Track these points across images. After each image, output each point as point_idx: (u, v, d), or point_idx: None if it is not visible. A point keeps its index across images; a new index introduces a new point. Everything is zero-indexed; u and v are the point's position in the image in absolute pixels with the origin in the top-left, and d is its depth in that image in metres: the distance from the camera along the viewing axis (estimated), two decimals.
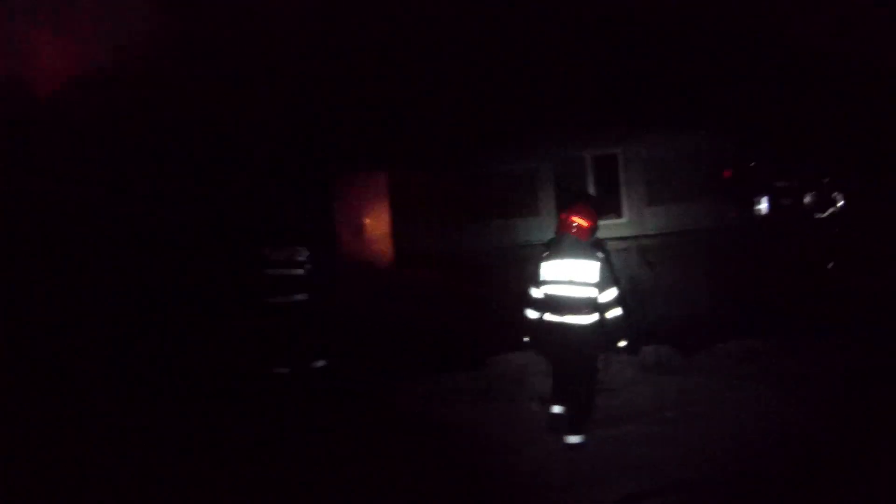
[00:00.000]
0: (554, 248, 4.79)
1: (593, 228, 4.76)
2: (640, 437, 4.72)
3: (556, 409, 4.79)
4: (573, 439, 4.56)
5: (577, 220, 4.68)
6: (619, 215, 8.94)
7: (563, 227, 4.76)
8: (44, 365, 5.84)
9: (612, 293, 4.55)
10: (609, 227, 8.02)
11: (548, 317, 4.66)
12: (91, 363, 6.10)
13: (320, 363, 5.77)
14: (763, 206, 9.72)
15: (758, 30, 6.64)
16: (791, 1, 6.29)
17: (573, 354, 4.63)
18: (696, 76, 7.89)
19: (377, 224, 10.21)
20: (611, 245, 7.41)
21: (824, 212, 9.89)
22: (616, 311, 4.56)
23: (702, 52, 7.35)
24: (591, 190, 8.94)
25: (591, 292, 4.51)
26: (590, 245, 4.75)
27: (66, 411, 5.14)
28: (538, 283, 4.76)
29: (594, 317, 4.55)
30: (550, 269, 4.65)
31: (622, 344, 4.64)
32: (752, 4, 6.45)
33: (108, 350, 6.43)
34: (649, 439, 4.65)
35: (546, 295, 4.69)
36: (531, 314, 4.88)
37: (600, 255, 4.69)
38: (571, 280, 4.53)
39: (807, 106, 7.99)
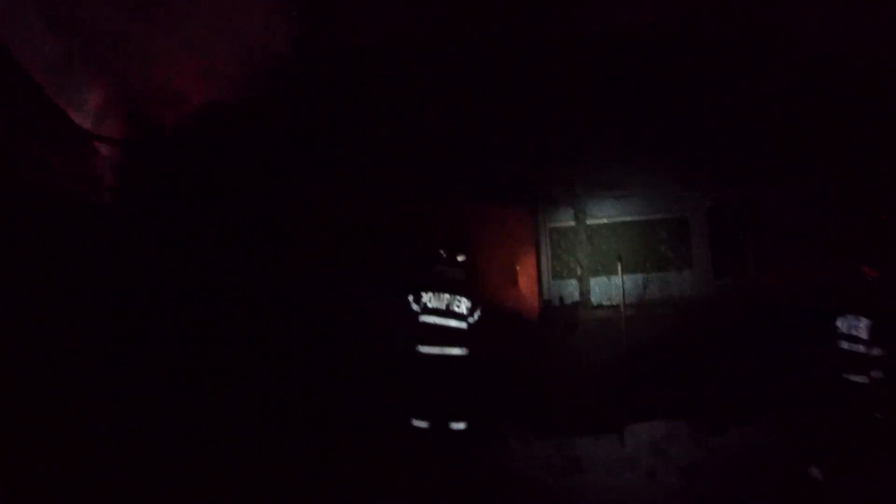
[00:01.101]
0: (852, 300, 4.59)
1: (880, 279, 4.52)
2: None
3: None
4: None
5: (869, 271, 4.53)
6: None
7: (859, 276, 4.59)
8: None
9: (877, 351, 4.23)
10: None
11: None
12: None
13: (461, 425, 5.25)
14: None
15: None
16: None
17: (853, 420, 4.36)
18: None
19: (521, 271, 9.60)
20: None
21: None
22: (877, 373, 4.23)
23: None
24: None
25: (863, 348, 4.30)
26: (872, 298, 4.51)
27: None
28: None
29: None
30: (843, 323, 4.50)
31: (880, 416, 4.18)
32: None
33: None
34: None
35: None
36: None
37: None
38: (851, 334, 4.38)
39: None
